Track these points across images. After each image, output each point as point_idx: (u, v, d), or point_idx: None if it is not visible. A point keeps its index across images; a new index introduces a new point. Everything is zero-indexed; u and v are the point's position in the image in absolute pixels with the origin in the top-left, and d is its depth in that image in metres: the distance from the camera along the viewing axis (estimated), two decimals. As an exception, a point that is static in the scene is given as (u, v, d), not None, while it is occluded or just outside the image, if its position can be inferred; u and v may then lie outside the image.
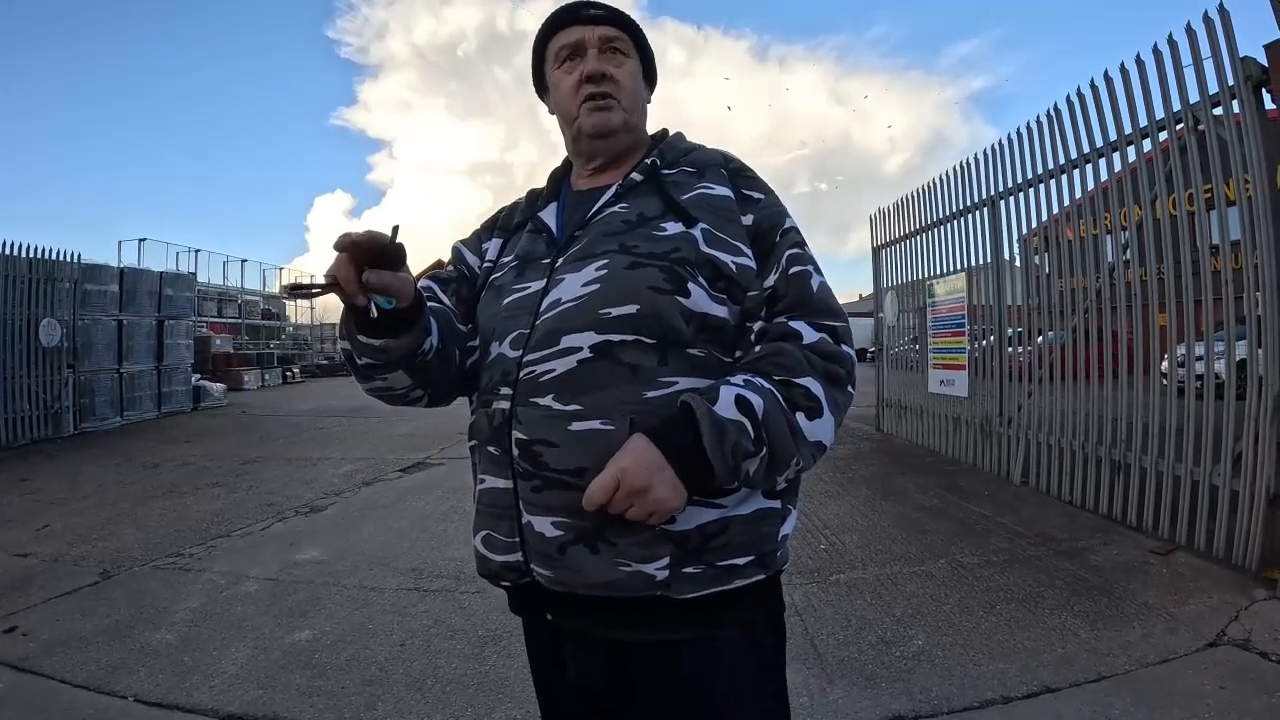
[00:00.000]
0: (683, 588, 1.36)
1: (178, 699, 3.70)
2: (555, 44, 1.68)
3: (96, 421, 14.38)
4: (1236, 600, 4.47)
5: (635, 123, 1.67)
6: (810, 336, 1.42)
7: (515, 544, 1.45)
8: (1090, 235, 6.88)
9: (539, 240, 1.64)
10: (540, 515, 1.41)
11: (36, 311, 13.12)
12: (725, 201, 1.53)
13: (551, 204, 1.72)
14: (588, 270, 1.46)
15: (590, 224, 1.56)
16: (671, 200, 1.53)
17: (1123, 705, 3.41)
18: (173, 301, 17.54)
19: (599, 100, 1.61)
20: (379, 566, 5.64)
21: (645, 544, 1.35)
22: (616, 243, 1.49)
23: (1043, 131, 7.17)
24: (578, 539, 1.37)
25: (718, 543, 1.38)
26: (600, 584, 1.37)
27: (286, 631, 4.49)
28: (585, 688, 1.54)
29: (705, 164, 1.62)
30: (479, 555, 1.56)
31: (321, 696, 3.70)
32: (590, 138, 1.64)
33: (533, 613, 1.57)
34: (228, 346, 26.99)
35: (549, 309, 1.47)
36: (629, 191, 1.59)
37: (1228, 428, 5.18)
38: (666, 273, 1.42)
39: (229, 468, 9.99)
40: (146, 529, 6.84)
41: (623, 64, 1.65)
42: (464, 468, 7.44)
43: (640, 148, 1.71)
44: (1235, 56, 4.96)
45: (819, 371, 1.39)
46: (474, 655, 4.13)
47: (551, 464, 1.39)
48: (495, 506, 1.50)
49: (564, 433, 1.38)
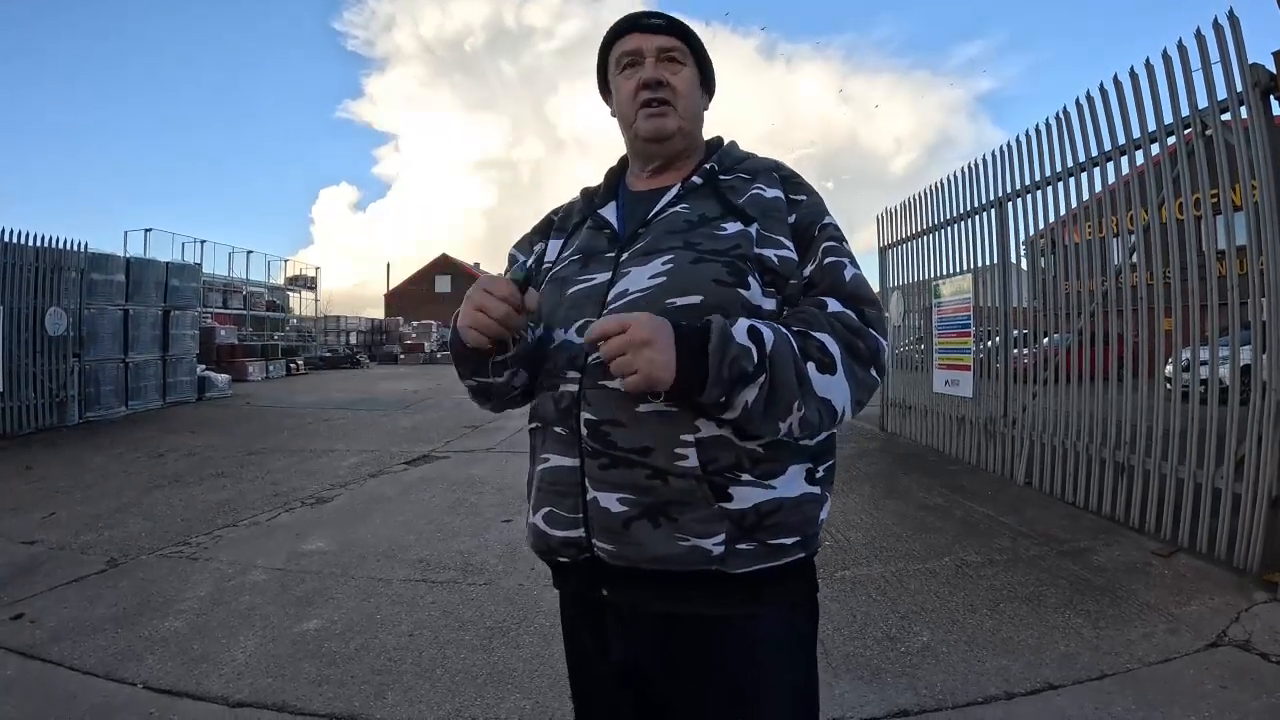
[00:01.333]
0: (736, 563, 1.44)
1: (187, 687, 3.72)
2: (617, 50, 1.76)
3: (102, 411, 14.38)
4: (1237, 602, 4.49)
5: (690, 128, 1.73)
6: (836, 308, 1.49)
7: (578, 520, 1.52)
8: (1097, 238, 6.90)
9: (600, 236, 1.71)
10: (606, 491, 1.48)
11: (43, 301, 13.12)
12: (776, 203, 1.60)
13: (611, 202, 1.79)
14: (654, 264, 1.54)
15: (653, 222, 1.64)
16: (730, 203, 1.60)
17: (1124, 703, 3.44)
18: (178, 292, 17.54)
19: (655, 106, 1.69)
20: (386, 558, 5.67)
21: (704, 520, 1.43)
22: (681, 239, 1.56)
23: (1051, 134, 7.18)
24: (641, 514, 1.45)
25: (770, 521, 1.46)
26: (660, 557, 1.44)
27: (295, 621, 4.51)
28: (626, 665, 1.59)
29: (759, 170, 1.69)
30: (538, 531, 1.62)
31: (331, 685, 3.73)
32: (646, 141, 1.72)
33: (587, 588, 1.61)
34: (232, 338, 26.96)
35: (617, 299, 1.53)
36: (690, 193, 1.66)
37: (1230, 431, 5.19)
38: (729, 267, 1.50)
39: (234, 458, 10.02)
40: (153, 518, 6.87)
41: (679, 72, 1.71)
42: (469, 461, 7.51)
43: (696, 152, 1.78)
44: (1244, 63, 4.98)
45: (838, 334, 1.45)
46: (482, 646, 4.16)
47: (619, 443, 1.46)
48: (559, 484, 1.55)
49: (632, 414, 1.46)
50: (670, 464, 1.43)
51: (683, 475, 1.43)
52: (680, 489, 1.43)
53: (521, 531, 6.20)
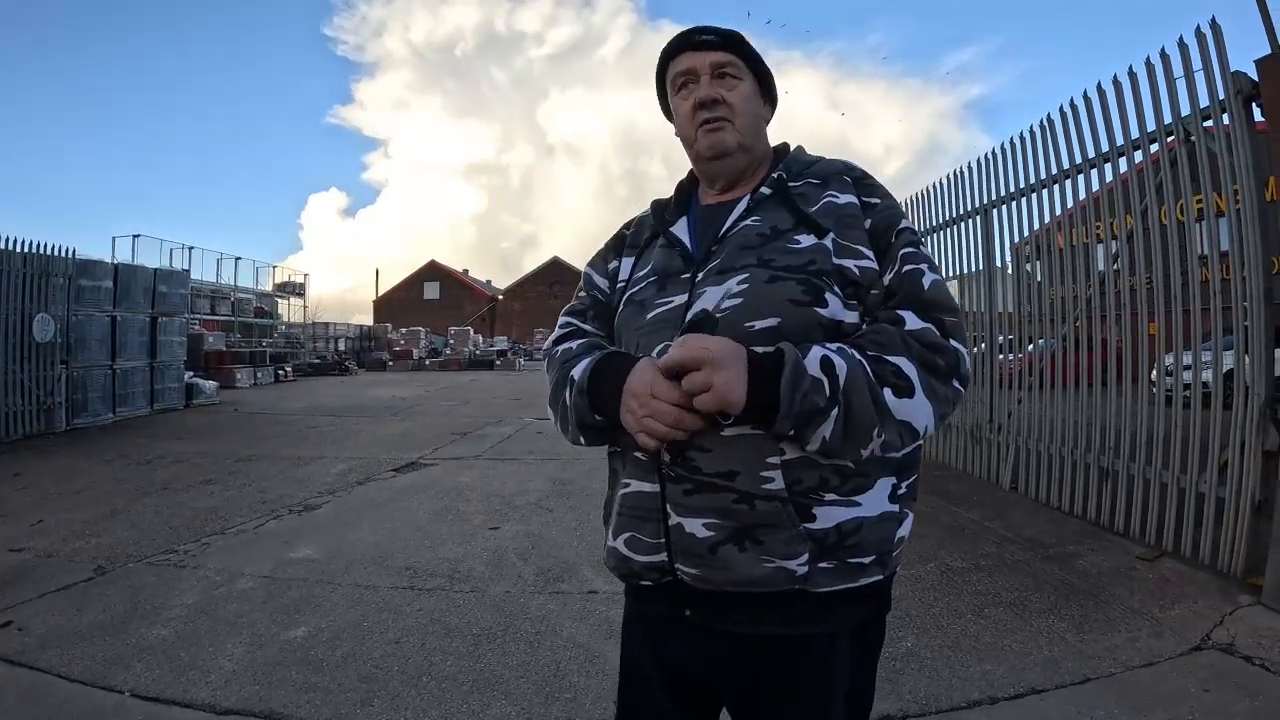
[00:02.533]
0: (818, 582, 1.45)
1: (175, 694, 3.72)
2: (672, 71, 1.76)
3: (89, 417, 14.32)
4: (1221, 606, 4.52)
5: (750, 143, 1.71)
6: (914, 324, 1.46)
7: (660, 545, 1.52)
8: (1081, 244, 6.93)
9: (674, 255, 1.69)
10: (690, 517, 1.48)
11: (30, 307, 13.09)
12: (850, 208, 1.58)
13: (682, 218, 1.78)
14: (729, 283, 1.52)
15: (725, 239, 1.62)
16: (801, 213, 1.58)
17: (1108, 708, 3.46)
18: (166, 298, 17.47)
19: (713, 123, 1.67)
20: (373, 565, 5.66)
21: (788, 541, 1.43)
22: (754, 256, 1.54)
23: (1035, 141, 7.21)
24: (728, 539, 1.45)
25: (851, 541, 1.46)
26: (746, 580, 1.45)
27: (282, 628, 4.51)
28: (694, 681, 1.62)
29: (830, 174, 1.66)
30: (620, 556, 1.61)
31: (318, 693, 3.73)
32: (708, 159, 1.72)
33: (670, 609, 1.60)
34: (220, 344, 26.86)
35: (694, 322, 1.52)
36: (759, 205, 1.64)
37: (1214, 436, 5.22)
38: (804, 285, 1.48)
39: (222, 465, 9.98)
40: (140, 525, 6.84)
41: (734, 87, 1.69)
42: (457, 468, 7.49)
43: (762, 164, 1.77)
44: (1226, 70, 5.02)
45: (915, 355, 1.43)
46: (469, 653, 4.16)
47: (704, 468, 1.46)
48: (640, 509, 1.55)
49: (716, 438, 1.44)
50: (756, 487, 1.43)
51: (769, 498, 1.43)
52: (766, 512, 1.43)
53: (508, 539, 6.22)
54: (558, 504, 7.64)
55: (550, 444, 11.53)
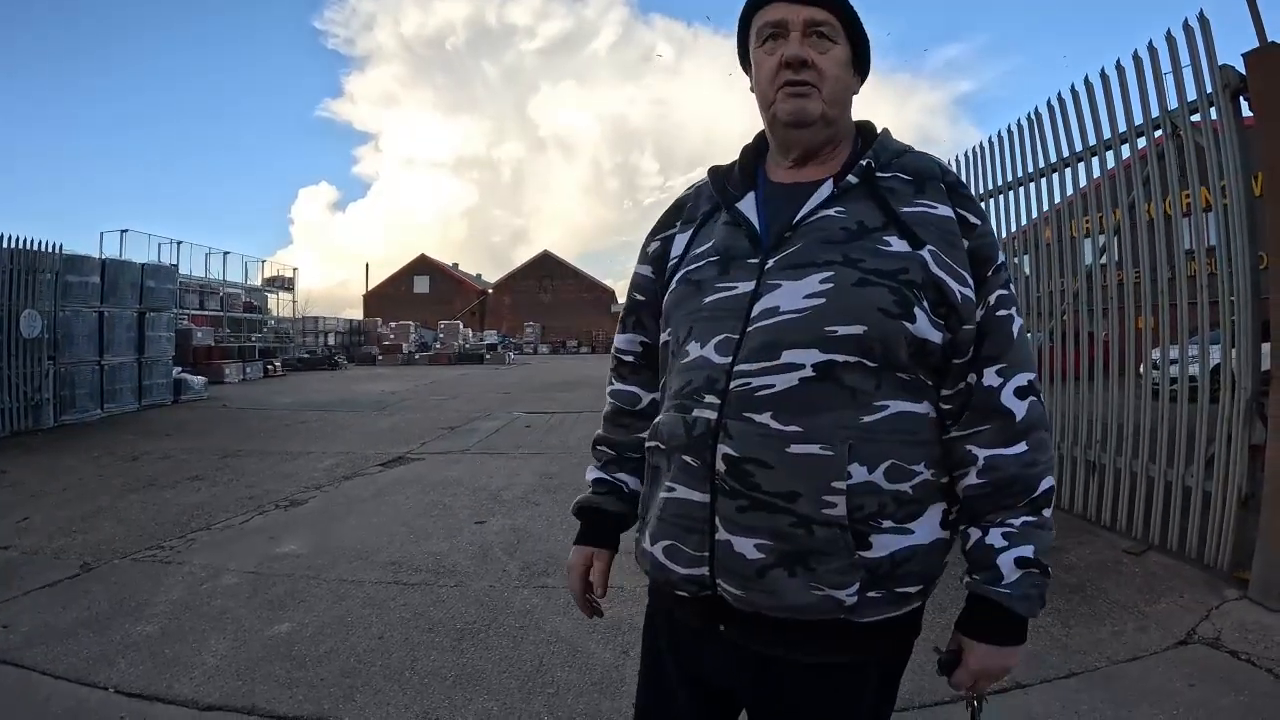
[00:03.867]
0: (864, 612, 1.38)
1: (158, 690, 3.71)
2: (759, 19, 1.56)
3: (77, 414, 14.26)
4: (1207, 600, 4.53)
5: (835, 115, 1.54)
6: (1020, 410, 1.43)
7: (704, 559, 1.44)
8: (1069, 238, 6.93)
9: (739, 235, 1.55)
10: (742, 536, 1.39)
11: (17, 303, 13.01)
12: (948, 224, 1.45)
13: (749, 194, 1.61)
14: (810, 280, 1.40)
15: (801, 226, 1.48)
16: (893, 212, 1.45)
17: (1092, 702, 3.47)
18: (154, 293, 17.42)
19: (797, 87, 1.50)
20: (358, 560, 5.66)
21: (841, 570, 1.36)
22: (839, 253, 1.42)
23: (1024, 135, 7.19)
24: (779, 562, 1.37)
25: (903, 570, 1.40)
26: (792, 608, 1.38)
27: (266, 624, 4.50)
28: (720, 692, 1.60)
29: (923, 174, 1.51)
30: (656, 564, 1.54)
31: (300, 688, 3.72)
32: (785, 125, 1.54)
33: (704, 622, 1.53)
34: (209, 339, 26.75)
35: (764, 316, 1.42)
36: (844, 194, 1.50)
37: (1201, 430, 5.22)
38: (896, 294, 1.37)
39: (209, 461, 9.96)
40: (126, 522, 6.83)
41: (828, 50, 1.50)
42: (444, 463, 7.44)
43: (842, 142, 1.60)
44: (1214, 64, 5.00)
45: (1038, 460, 1.45)
46: (452, 648, 4.16)
47: (764, 485, 1.37)
48: (686, 519, 1.47)
49: (781, 454, 1.36)
50: (817, 512, 1.35)
51: (828, 524, 1.35)
52: (824, 538, 1.35)
53: (494, 533, 6.19)
54: (545, 498, 7.62)
55: (538, 438, 11.55)
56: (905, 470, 1.39)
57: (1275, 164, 4.69)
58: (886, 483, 1.37)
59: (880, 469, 1.36)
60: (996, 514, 1.42)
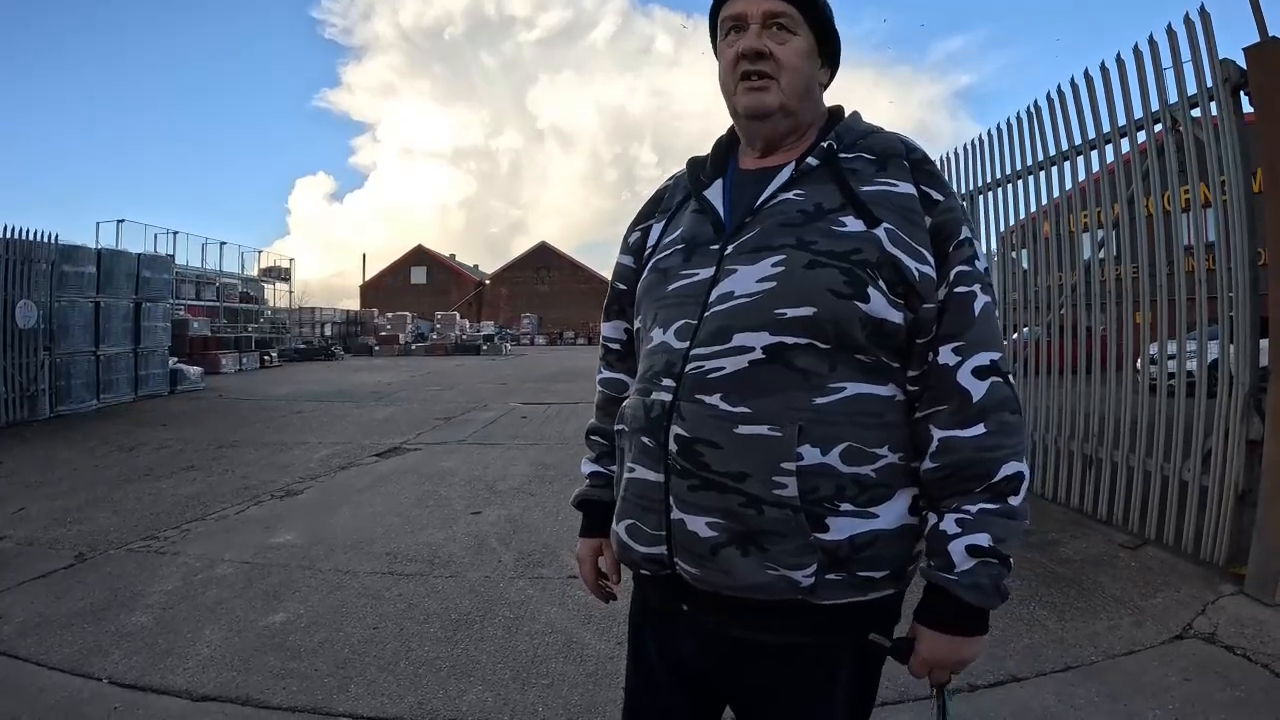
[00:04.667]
0: (823, 594, 1.38)
1: (152, 681, 3.70)
2: (723, 14, 1.58)
3: (73, 404, 14.23)
4: (1203, 594, 4.53)
5: (795, 106, 1.54)
6: (978, 390, 1.39)
7: (661, 537, 1.47)
8: (1067, 232, 6.92)
9: (704, 222, 1.57)
10: (694, 514, 1.42)
11: (13, 293, 12.97)
12: (909, 201, 1.44)
13: (717, 182, 1.63)
14: (763, 265, 1.42)
15: (761, 211, 1.49)
16: (851, 191, 1.45)
17: (1088, 696, 3.47)
18: (150, 284, 17.37)
19: (754, 80, 1.52)
20: (353, 550, 5.65)
21: (796, 552, 1.36)
22: (793, 236, 1.42)
23: (1023, 128, 7.17)
24: (731, 541, 1.39)
25: (865, 554, 1.39)
26: (746, 586, 1.39)
27: (261, 614, 4.49)
28: (695, 675, 1.59)
29: (886, 152, 1.51)
30: (620, 542, 1.58)
31: (295, 679, 3.72)
32: (746, 118, 1.57)
33: (668, 601, 1.56)
34: (205, 329, 26.70)
35: (719, 301, 1.44)
36: (804, 176, 1.50)
37: (1198, 425, 5.22)
38: (847, 275, 1.38)
39: (205, 451, 9.95)
40: (122, 512, 6.82)
41: (786, 41, 1.51)
42: (440, 453, 7.45)
43: (811, 128, 1.61)
44: (1215, 59, 4.98)
45: (1001, 444, 1.38)
46: (446, 638, 4.15)
47: (713, 465, 1.39)
48: (644, 498, 1.50)
49: (729, 435, 1.38)
50: (767, 492, 1.36)
51: (779, 505, 1.35)
52: (775, 519, 1.36)
53: (489, 524, 6.20)
54: (540, 489, 7.63)
55: (534, 429, 11.55)
56: (865, 453, 1.39)
57: (1275, 160, 4.68)
58: (844, 465, 1.37)
59: (835, 451, 1.37)
60: (952, 499, 1.39)
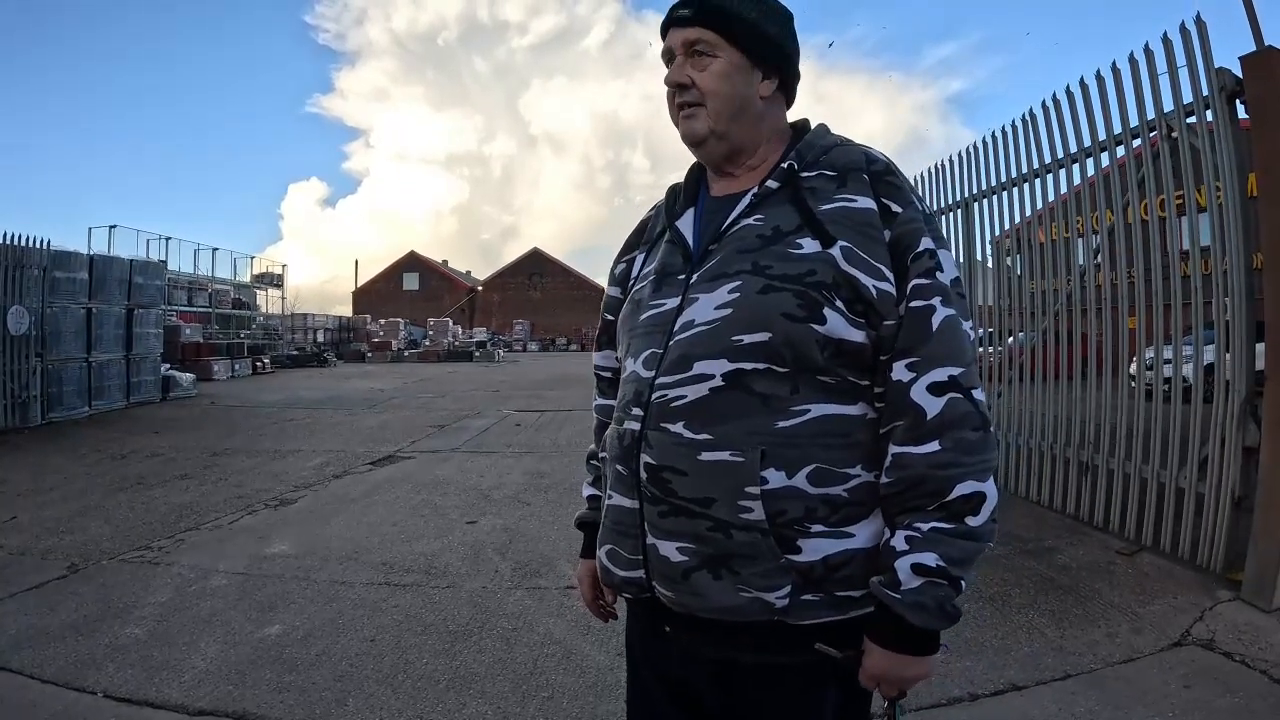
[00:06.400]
0: (800, 614, 1.39)
1: (147, 695, 3.67)
2: (663, 51, 1.59)
3: (64, 411, 14.16)
4: (1201, 601, 4.53)
5: (724, 128, 1.54)
6: (933, 407, 1.35)
7: (638, 561, 1.51)
8: (1063, 238, 6.93)
9: (675, 252, 1.60)
10: (665, 540, 1.45)
11: (4, 299, 12.89)
12: (868, 216, 1.42)
13: (689, 210, 1.65)
14: (720, 292, 1.44)
15: (724, 237, 1.51)
16: (809, 212, 1.44)
17: (1088, 704, 3.46)
18: (142, 290, 17.32)
19: (684, 110, 1.55)
20: (349, 561, 5.62)
21: (768, 574, 1.38)
22: (750, 261, 1.44)
23: (1018, 135, 7.17)
24: (701, 565, 1.41)
25: (840, 574, 1.39)
26: (719, 608, 1.41)
27: (256, 626, 4.46)
28: (685, 693, 1.60)
29: (847, 167, 1.48)
30: (603, 567, 1.62)
31: (292, 692, 3.69)
32: (688, 145, 1.59)
33: (651, 622, 1.58)
34: (198, 336, 26.59)
35: (682, 330, 1.47)
36: (764, 200, 1.51)
37: (1194, 431, 5.22)
38: (801, 298, 1.38)
39: (198, 459, 9.90)
40: (114, 521, 6.77)
41: (706, 66, 1.52)
42: (434, 461, 7.43)
43: (764, 148, 1.60)
44: (1210, 67, 5.00)
45: (958, 461, 1.34)
46: (445, 650, 4.13)
47: (679, 491, 1.42)
48: (620, 524, 1.55)
49: (694, 462, 1.41)
50: (734, 516, 1.37)
51: (746, 528, 1.37)
52: (744, 542, 1.37)
53: (485, 533, 6.18)
54: (535, 497, 7.60)
55: (528, 437, 11.53)
56: (835, 474, 1.40)
57: (1270, 166, 4.69)
58: (811, 487, 1.38)
59: (802, 473, 1.38)
60: (904, 515, 1.37)
